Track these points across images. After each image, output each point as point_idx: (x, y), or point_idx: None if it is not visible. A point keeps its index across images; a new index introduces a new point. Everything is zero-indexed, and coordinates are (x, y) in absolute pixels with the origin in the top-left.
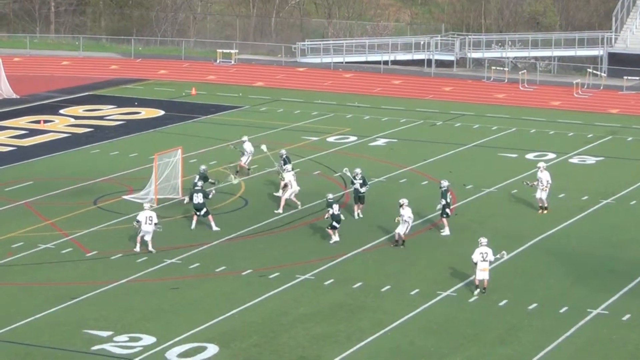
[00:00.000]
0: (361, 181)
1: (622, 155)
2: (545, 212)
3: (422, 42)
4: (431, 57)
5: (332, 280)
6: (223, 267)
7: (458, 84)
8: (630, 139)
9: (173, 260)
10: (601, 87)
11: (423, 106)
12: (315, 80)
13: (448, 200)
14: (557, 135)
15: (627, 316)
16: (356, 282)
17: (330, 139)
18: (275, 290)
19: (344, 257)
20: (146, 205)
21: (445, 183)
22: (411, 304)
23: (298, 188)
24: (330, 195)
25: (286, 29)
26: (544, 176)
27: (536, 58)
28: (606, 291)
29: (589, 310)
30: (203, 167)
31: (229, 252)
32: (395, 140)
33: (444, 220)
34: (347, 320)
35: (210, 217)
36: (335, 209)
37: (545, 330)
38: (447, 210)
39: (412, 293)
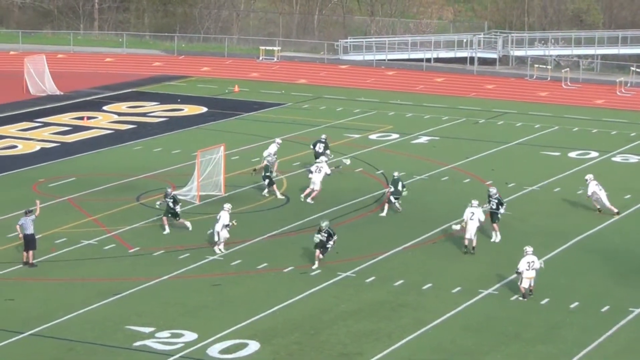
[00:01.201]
0: (496, 201)
1: None
2: (616, 215)
3: (464, 40)
4: (474, 54)
5: (373, 278)
6: (265, 264)
7: (501, 81)
8: None
9: (215, 257)
10: None
11: (465, 104)
12: (358, 78)
13: (493, 206)
14: (600, 134)
15: None
16: (397, 279)
17: (373, 137)
18: (317, 288)
19: (385, 254)
20: (226, 207)
21: (494, 190)
22: (452, 302)
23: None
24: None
25: (329, 26)
26: (591, 188)
27: (579, 56)
28: None
29: (631, 309)
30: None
31: (270, 249)
32: (437, 137)
33: (495, 225)
34: (388, 318)
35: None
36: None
37: (586, 328)
38: (499, 214)
39: (454, 291)
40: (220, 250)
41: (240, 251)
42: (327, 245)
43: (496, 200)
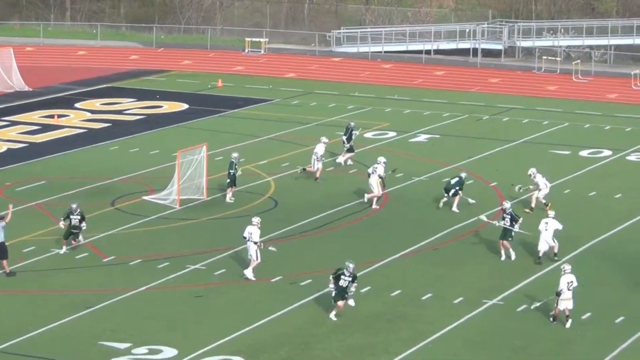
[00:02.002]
0: (509, 217)
1: None
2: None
3: (467, 30)
4: (477, 46)
5: (369, 288)
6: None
7: (506, 75)
8: None
9: (197, 266)
10: None
11: (468, 99)
12: (352, 72)
13: (507, 223)
14: (614, 131)
15: None
16: (395, 289)
17: (368, 135)
18: (308, 299)
19: (382, 262)
20: (254, 220)
21: (507, 204)
22: (454, 314)
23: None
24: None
25: (320, 15)
26: (540, 180)
27: (591, 47)
28: None
29: None
30: None
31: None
32: (438, 135)
33: (507, 243)
34: (385, 331)
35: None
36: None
37: (599, 341)
38: (513, 233)
39: (456, 302)
40: (251, 275)
41: (223, 260)
42: (350, 292)
43: (509, 216)
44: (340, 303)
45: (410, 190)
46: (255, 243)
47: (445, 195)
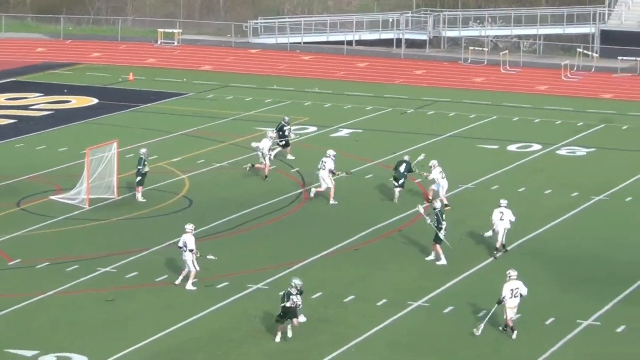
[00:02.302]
0: (436, 217)
1: (616, 145)
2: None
3: (390, 20)
4: (401, 36)
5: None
6: (164, 276)
7: (431, 66)
8: (625, 127)
9: (107, 269)
10: (592, 69)
11: (392, 92)
12: (270, 64)
13: (432, 222)
14: (543, 124)
15: (622, 327)
16: (315, 291)
17: (272, 135)
18: (224, 302)
19: (302, 263)
20: (188, 228)
21: (438, 204)
22: (378, 316)
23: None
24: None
25: (236, 5)
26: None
27: (519, 37)
28: (598, 299)
29: (578, 321)
30: None
31: (170, 259)
32: (361, 130)
33: (438, 247)
34: (306, 335)
35: None
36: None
37: (529, 343)
38: (441, 235)
39: (379, 303)
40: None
41: (135, 262)
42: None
43: (435, 217)
44: (295, 321)
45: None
46: (192, 251)
47: (395, 184)
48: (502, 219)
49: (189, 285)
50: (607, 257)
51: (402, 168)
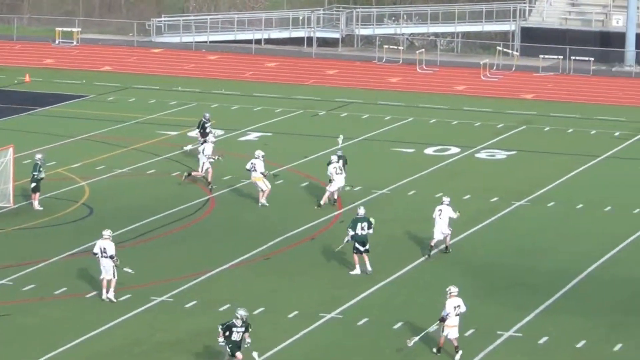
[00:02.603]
0: (366, 224)
1: (538, 148)
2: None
3: (301, 17)
4: (312, 34)
5: (194, 303)
6: (63, 289)
7: (344, 66)
8: (547, 129)
9: (3, 282)
10: (513, 69)
11: (303, 93)
12: (174, 64)
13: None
14: (462, 126)
15: (544, 339)
16: (223, 303)
17: (193, 134)
18: (127, 315)
19: (209, 274)
20: (105, 233)
21: (362, 211)
22: (289, 329)
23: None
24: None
25: (139, 2)
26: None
27: (436, 35)
28: (520, 310)
29: (499, 332)
30: None
31: (70, 271)
32: (270, 133)
33: (356, 257)
34: (213, 350)
35: None
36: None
37: (449, 356)
38: (358, 245)
39: (291, 316)
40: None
41: (33, 274)
42: (246, 343)
43: (366, 224)
44: (238, 355)
45: (239, 194)
46: (112, 258)
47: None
48: (441, 217)
49: (111, 295)
50: (529, 265)
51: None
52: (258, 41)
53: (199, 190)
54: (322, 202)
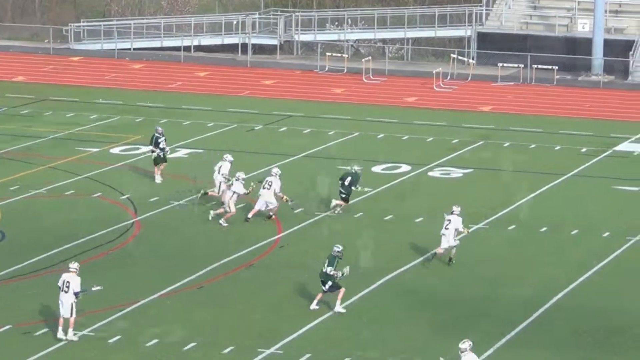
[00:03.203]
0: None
1: (497, 166)
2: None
3: (234, 22)
4: (247, 41)
5: (119, 337)
6: None
7: (283, 75)
8: (507, 144)
9: None
10: (469, 78)
11: (237, 105)
12: (94, 74)
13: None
14: (413, 141)
15: None
16: (151, 338)
17: (115, 150)
18: (45, 351)
19: (135, 305)
20: (72, 267)
21: (338, 249)
22: None
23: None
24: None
25: (55, 5)
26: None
27: (384, 41)
28: (479, 343)
29: None
30: None
31: None
32: (201, 150)
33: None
34: None
35: None
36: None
37: None
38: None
39: (226, 351)
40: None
41: None
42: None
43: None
44: None
45: (167, 216)
46: (76, 295)
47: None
48: (448, 227)
49: (70, 335)
50: (489, 294)
51: (347, 181)
52: (187, 48)
53: (122, 212)
54: (249, 216)
